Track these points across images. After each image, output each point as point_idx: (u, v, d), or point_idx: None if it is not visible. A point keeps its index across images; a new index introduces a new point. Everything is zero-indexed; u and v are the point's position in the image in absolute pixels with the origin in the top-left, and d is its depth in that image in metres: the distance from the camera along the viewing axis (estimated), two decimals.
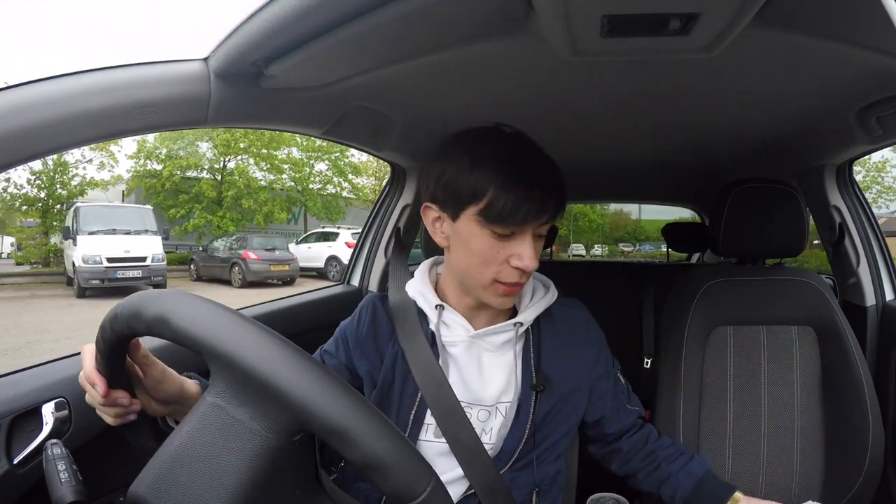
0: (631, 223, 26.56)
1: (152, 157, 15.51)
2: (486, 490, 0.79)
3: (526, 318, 0.84)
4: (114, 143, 14.07)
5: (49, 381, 0.77)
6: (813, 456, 1.09)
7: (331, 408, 0.42)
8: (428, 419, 0.82)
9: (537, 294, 0.88)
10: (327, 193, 18.00)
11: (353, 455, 0.42)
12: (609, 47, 0.72)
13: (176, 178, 15.21)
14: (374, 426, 0.43)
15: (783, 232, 1.15)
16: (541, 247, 0.79)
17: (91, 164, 14.50)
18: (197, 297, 0.48)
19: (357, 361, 0.86)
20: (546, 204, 0.72)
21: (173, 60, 0.71)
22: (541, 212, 0.72)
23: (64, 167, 13.94)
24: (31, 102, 0.59)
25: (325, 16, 0.62)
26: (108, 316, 0.51)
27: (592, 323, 0.93)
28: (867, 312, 1.30)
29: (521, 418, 0.82)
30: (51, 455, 0.57)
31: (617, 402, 0.92)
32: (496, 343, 0.84)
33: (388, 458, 0.42)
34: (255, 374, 0.43)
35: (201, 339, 0.44)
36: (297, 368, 0.43)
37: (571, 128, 1.22)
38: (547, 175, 0.74)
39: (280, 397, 0.43)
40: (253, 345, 0.44)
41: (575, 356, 0.88)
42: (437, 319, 0.84)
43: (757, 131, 1.20)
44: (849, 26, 0.67)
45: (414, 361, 0.82)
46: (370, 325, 0.87)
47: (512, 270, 0.75)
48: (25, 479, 0.71)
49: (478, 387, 0.83)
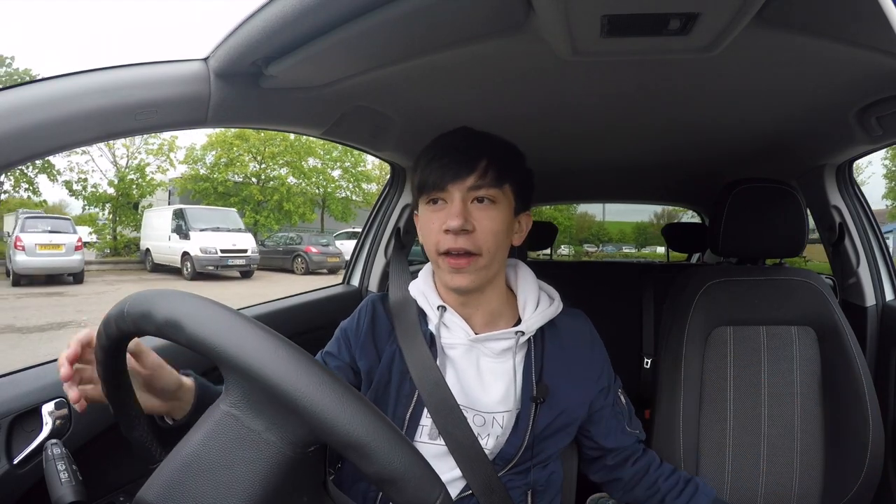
0: (595, 225, 27.01)
1: (198, 162, 17.98)
2: (485, 490, 0.79)
3: (528, 328, 0.83)
4: (171, 150, 16.87)
5: (49, 381, 0.77)
6: (813, 456, 1.09)
7: (350, 422, 0.42)
8: (424, 420, 0.81)
9: (542, 304, 0.87)
10: (343, 197, 20.43)
11: (370, 469, 0.42)
12: (609, 47, 0.72)
13: (229, 183, 17.84)
14: (391, 440, 0.42)
15: (783, 232, 1.15)
16: (496, 217, 0.77)
17: (149, 166, 16.75)
18: (207, 299, 0.47)
19: (359, 361, 0.86)
20: (464, 166, 0.76)
21: (173, 60, 0.71)
22: (458, 174, 0.76)
23: (142, 172, 16.29)
24: (31, 102, 0.59)
25: (325, 16, 0.62)
26: (113, 312, 0.50)
27: (596, 337, 0.93)
28: (867, 312, 1.30)
29: (520, 428, 0.81)
30: (51, 455, 0.57)
31: (614, 419, 0.92)
32: (496, 350, 0.83)
33: (404, 471, 0.42)
34: (275, 386, 0.42)
35: (218, 348, 0.44)
36: (317, 382, 0.43)
37: (571, 127, 1.22)
38: (471, 144, 0.78)
39: (299, 411, 0.42)
40: (273, 356, 0.43)
41: (578, 370, 0.87)
42: (437, 320, 0.83)
43: (757, 131, 1.20)
44: (849, 26, 0.67)
45: (412, 361, 0.82)
46: (370, 323, 0.88)
47: (444, 235, 0.77)
48: (25, 479, 0.71)
49: (476, 391, 0.82)
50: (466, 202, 0.77)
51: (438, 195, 0.78)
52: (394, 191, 1.55)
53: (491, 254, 0.78)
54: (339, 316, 0.95)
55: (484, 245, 0.77)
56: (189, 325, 0.45)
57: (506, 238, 0.80)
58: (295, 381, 0.42)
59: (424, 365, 0.81)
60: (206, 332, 0.44)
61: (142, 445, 0.60)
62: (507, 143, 0.83)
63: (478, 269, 0.78)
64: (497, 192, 0.77)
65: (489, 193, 0.77)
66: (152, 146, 16.39)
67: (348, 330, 0.89)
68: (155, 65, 0.70)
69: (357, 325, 0.88)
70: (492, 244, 0.77)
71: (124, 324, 0.49)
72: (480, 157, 0.77)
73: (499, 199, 0.78)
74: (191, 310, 0.45)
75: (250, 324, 0.45)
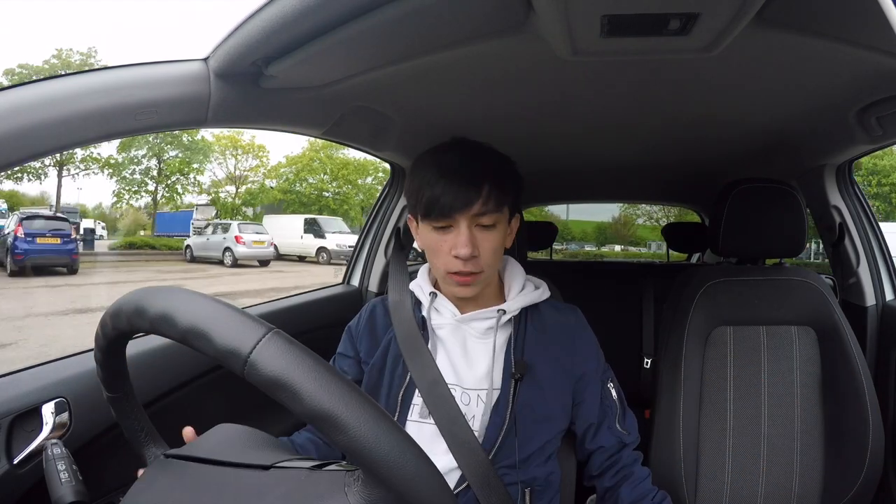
0: (560, 223, 27.69)
1: (282, 178, 22.99)
2: (482, 485, 0.80)
3: (509, 307, 0.88)
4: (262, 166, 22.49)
5: (49, 381, 0.77)
6: (813, 456, 1.09)
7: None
8: (415, 399, 0.86)
9: (527, 288, 0.92)
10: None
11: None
12: (609, 47, 0.72)
13: (313, 196, 22.51)
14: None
15: (783, 232, 1.15)
16: (495, 238, 0.83)
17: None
18: (198, 293, 0.46)
19: (361, 352, 0.94)
20: (471, 195, 0.79)
21: (173, 60, 0.71)
22: (466, 203, 0.79)
23: (264, 190, 21.44)
24: (31, 102, 0.59)
25: (324, 16, 0.62)
26: (110, 311, 0.49)
27: (585, 329, 0.94)
28: (867, 312, 1.30)
29: (500, 405, 0.84)
30: (51, 455, 0.57)
31: (602, 414, 0.91)
32: (480, 329, 0.88)
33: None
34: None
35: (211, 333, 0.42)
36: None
37: (571, 128, 1.23)
38: (475, 169, 0.80)
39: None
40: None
41: (558, 354, 0.89)
42: (428, 305, 0.90)
43: (757, 131, 1.20)
44: (849, 26, 0.67)
45: (404, 344, 0.87)
46: (369, 318, 0.96)
47: (454, 260, 0.81)
48: (25, 479, 0.71)
49: (462, 369, 0.87)
50: (471, 227, 0.81)
51: (446, 223, 0.81)
52: (394, 191, 1.55)
53: (491, 268, 0.85)
54: (339, 316, 0.96)
55: (485, 264, 0.83)
56: (180, 318, 0.44)
57: (502, 248, 0.87)
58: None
59: (415, 347, 0.86)
60: (198, 320, 0.43)
61: (141, 445, 0.60)
62: (503, 158, 0.87)
63: (480, 282, 0.85)
64: (498, 216, 0.83)
65: (492, 220, 0.82)
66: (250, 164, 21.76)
67: (352, 327, 0.98)
68: (155, 65, 0.70)
69: (358, 321, 0.97)
70: (492, 260, 0.84)
71: (120, 322, 0.48)
72: (483, 182, 0.80)
73: (499, 221, 0.83)
74: (181, 303, 0.45)
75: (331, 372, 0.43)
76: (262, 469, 0.49)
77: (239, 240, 14.27)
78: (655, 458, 1.12)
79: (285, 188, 22.08)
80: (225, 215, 20.12)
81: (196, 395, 1.01)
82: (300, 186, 22.43)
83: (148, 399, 0.89)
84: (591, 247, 25.51)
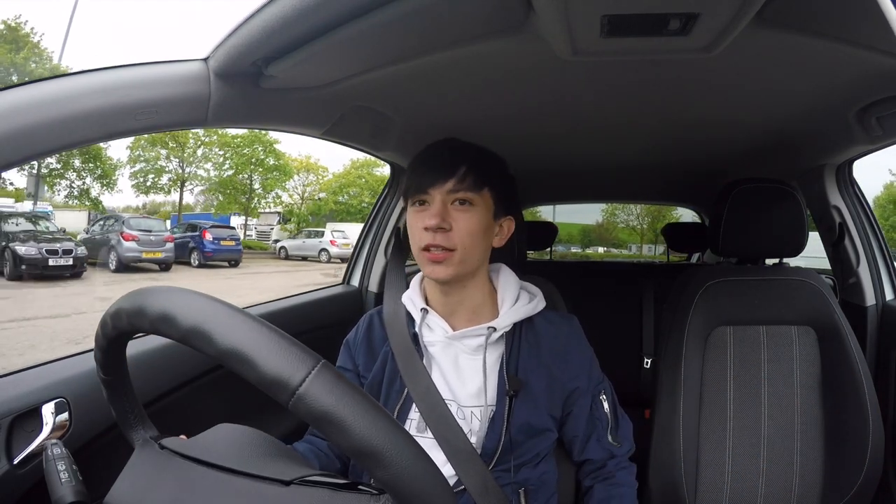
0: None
1: (328, 190, 25.10)
2: (481, 491, 0.80)
3: (499, 324, 0.87)
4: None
5: (49, 381, 0.77)
6: (813, 456, 1.09)
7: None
8: (412, 414, 0.86)
9: (521, 301, 0.90)
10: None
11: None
12: (609, 47, 0.72)
13: (341, 206, 24.24)
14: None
15: (783, 232, 1.15)
16: (472, 218, 0.83)
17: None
18: (198, 292, 0.46)
19: (359, 365, 0.94)
20: (445, 171, 0.82)
21: (173, 60, 0.71)
22: (439, 178, 0.82)
23: (324, 201, 23.65)
24: (31, 102, 0.59)
25: (325, 16, 0.62)
26: (109, 312, 0.49)
27: (580, 341, 0.93)
28: (867, 312, 1.30)
29: (496, 423, 0.83)
30: (51, 455, 0.57)
31: (590, 426, 0.91)
32: (472, 346, 0.88)
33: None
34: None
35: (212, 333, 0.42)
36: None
37: (571, 127, 1.23)
38: (454, 152, 0.84)
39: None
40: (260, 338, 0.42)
41: (552, 368, 0.88)
42: (420, 322, 0.90)
43: (757, 131, 1.20)
44: (849, 26, 0.67)
45: (401, 360, 0.87)
46: (366, 332, 0.96)
47: (425, 233, 0.82)
48: (25, 479, 0.71)
49: (455, 387, 0.87)
50: (446, 204, 0.82)
51: (422, 198, 0.84)
52: (394, 191, 1.55)
53: (466, 250, 0.83)
54: (338, 316, 0.96)
55: (459, 242, 0.82)
56: (181, 318, 0.43)
57: (483, 239, 0.85)
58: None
59: (411, 362, 0.87)
60: (200, 320, 0.43)
61: (130, 427, 0.60)
62: (488, 152, 0.89)
63: (454, 263, 0.83)
64: (475, 196, 0.83)
65: (467, 196, 0.83)
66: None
67: (350, 341, 0.98)
68: (155, 65, 0.70)
69: (356, 335, 0.97)
70: (467, 242, 0.83)
71: (120, 322, 0.48)
72: (461, 163, 0.83)
73: (476, 202, 0.84)
74: (182, 303, 0.44)
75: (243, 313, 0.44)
76: (282, 484, 0.49)
77: (333, 243, 17.61)
78: (655, 458, 1.12)
79: (335, 200, 24.43)
80: (291, 222, 23.46)
81: (196, 395, 1.01)
82: (344, 198, 24.72)
83: (148, 399, 0.89)
84: (577, 248, 26.10)
